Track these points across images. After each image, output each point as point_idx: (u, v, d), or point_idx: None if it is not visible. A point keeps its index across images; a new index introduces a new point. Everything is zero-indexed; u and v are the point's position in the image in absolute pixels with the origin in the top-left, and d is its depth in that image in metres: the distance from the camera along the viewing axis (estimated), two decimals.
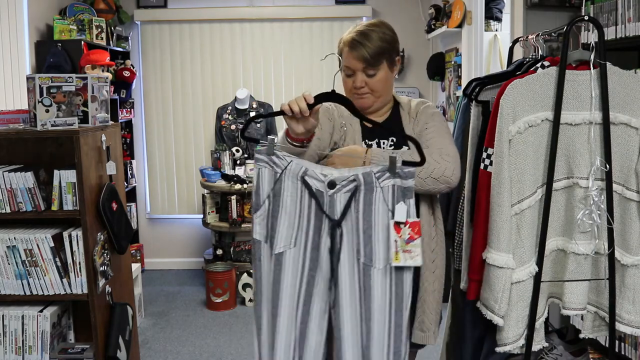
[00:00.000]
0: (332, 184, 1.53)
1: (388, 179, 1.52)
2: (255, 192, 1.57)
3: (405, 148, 1.78)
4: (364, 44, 1.73)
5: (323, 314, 1.57)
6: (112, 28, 4.70)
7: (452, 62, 4.34)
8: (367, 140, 1.81)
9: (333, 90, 1.58)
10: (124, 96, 4.81)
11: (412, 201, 1.53)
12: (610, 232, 1.80)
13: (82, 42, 4.12)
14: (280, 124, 4.83)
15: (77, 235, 2.42)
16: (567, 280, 1.83)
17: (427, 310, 1.78)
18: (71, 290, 2.46)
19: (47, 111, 2.36)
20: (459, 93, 4.01)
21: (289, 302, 1.55)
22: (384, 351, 1.54)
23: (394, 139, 1.81)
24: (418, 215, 1.71)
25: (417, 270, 1.73)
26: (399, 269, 1.54)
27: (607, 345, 1.99)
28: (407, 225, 1.52)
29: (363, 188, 1.52)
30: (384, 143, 1.81)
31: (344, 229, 1.53)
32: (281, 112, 1.57)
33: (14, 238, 2.42)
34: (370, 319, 1.53)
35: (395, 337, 1.55)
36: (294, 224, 1.54)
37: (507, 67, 2.16)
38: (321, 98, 1.56)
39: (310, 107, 1.54)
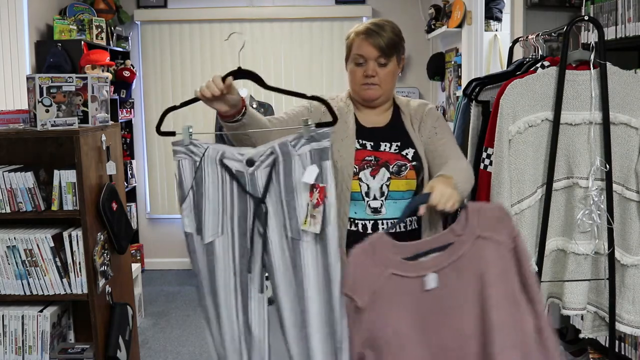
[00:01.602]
0: (250, 162, 1.50)
1: (304, 145, 1.47)
2: (178, 184, 1.56)
3: (410, 150, 1.77)
4: (380, 33, 1.75)
5: (263, 300, 1.54)
6: (112, 28, 4.70)
7: (452, 62, 4.34)
8: (360, 140, 1.79)
9: (239, 67, 1.62)
10: (124, 96, 4.81)
11: (328, 164, 1.48)
12: (610, 232, 1.80)
13: (82, 42, 4.11)
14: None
15: (77, 235, 2.42)
16: (567, 280, 1.83)
17: None
18: (71, 290, 2.46)
19: (47, 111, 2.36)
20: (459, 93, 4.01)
21: (226, 291, 1.53)
22: (323, 330, 1.50)
23: (399, 143, 1.79)
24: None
25: None
26: (323, 238, 1.48)
27: (607, 345, 1.99)
28: (317, 189, 1.45)
29: (281, 159, 1.48)
30: (385, 145, 1.79)
31: (269, 206, 1.49)
32: (197, 99, 1.60)
33: (14, 238, 2.42)
34: (304, 297, 1.49)
35: (329, 316, 1.50)
36: (218, 210, 1.52)
37: (507, 67, 2.16)
38: (230, 74, 1.60)
39: (223, 84, 1.57)
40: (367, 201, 1.74)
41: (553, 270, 1.88)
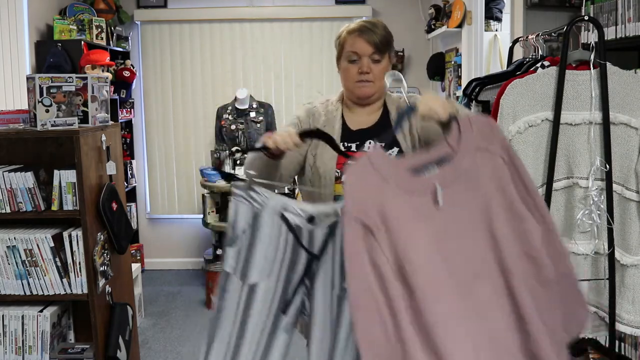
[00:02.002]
0: (311, 219, 1.51)
1: None
2: (230, 225, 1.56)
3: (395, 149, 1.78)
4: (374, 30, 1.77)
5: (286, 347, 1.55)
6: (112, 28, 4.70)
7: (452, 62, 4.34)
8: (345, 143, 1.81)
9: (317, 129, 1.59)
10: (124, 96, 4.81)
11: None
12: (610, 232, 1.80)
13: (82, 42, 4.12)
14: (280, 123, 4.83)
15: (77, 235, 2.42)
16: None
17: None
18: (71, 290, 2.46)
19: (47, 111, 2.36)
20: (459, 93, 4.01)
21: (254, 330, 1.54)
22: None
23: (383, 144, 1.79)
24: None
25: None
26: None
27: (607, 345, 1.99)
28: None
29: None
30: (369, 143, 1.79)
31: (321, 262, 1.51)
32: (265, 148, 1.56)
33: (14, 238, 2.42)
34: (336, 348, 1.50)
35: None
36: (270, 257, 1.53)
37: (507, 67, 2.16)
38: (308, 134, 1.56)
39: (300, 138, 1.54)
40: None
41: None
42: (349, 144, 1.80)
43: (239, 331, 1.55)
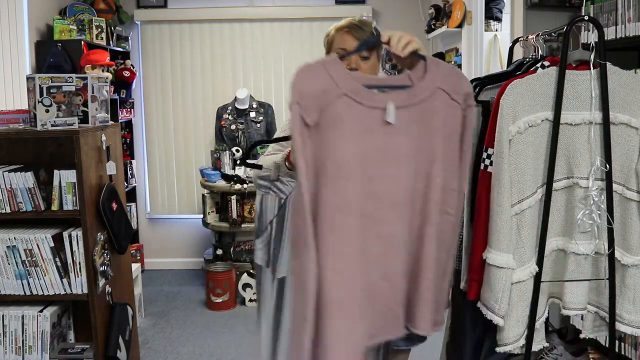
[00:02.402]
0: None
1: None
2: (258, 217, 1.56)
3: None
4: (362, 28, 1.80)
5: None
6: (112, 28, 4.70)
7: (452, 62, 4.34)
8: None
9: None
10: (124, 96, 4.81)
11: None
12: (611, 232, 1.80)
13: (82, 42, 4.12)
14: (280, 123, 4.83)
15: (77, 235, 2.42)
16: (568, 280, 1.83)
17: None
18: (71, 290, 2.46)
19: (47, 111, 2.36)
20: None
21: (288, 328, 1.54)
22: None
23: None
24: None
25: None
26: None
27: (607, 345, 1.98)
28: None
29: None
30: None
31: None
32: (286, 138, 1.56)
33: (14, 238, 2.42)
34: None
35: None
36: None
37: (507, 67, 2.16)
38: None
39: None
40: None
41: (553, 270, 1.88)
42: None
43: (274, 323, 1.56)
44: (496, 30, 4.01)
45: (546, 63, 1.87)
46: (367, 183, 1.34)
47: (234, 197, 4.43)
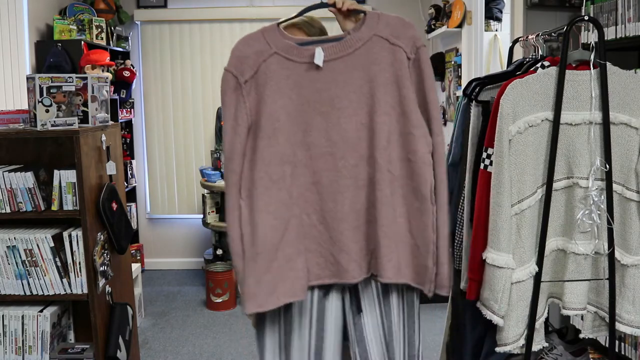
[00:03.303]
0: None
1: None
2: None
3: None
4: (312, 23, 1.87)
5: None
6: (112, 28, 4.70)
7: (452, 62, 4.34)
8: None
9: None
10: (124, 96, 4.81)
11: None
12: (610, 232, 1.80)
13: (82, 42, 4.11)
14: None
15: (77, 235, 2.42)
16: (567, 280, 1.83)
17: None
18: (71, 290, 2.46)
19: (47, 111, 2.36)
20: (459, 93, 4.01)
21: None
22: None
23: None
24: None
25: None
26: (410, 288, 1.58)
27: (607, 345, 1.99)
28: None
29: None
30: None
31: None
32: None
33: (14, 238, 2.42)
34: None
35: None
36: None
37: (507, 67, 2.16)
38: None
39: None
40: None
41: (553, 270, 1.88)
42: None
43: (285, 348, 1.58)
44: (496, 30, 4.01)
45: (546, 63, 1.87)
46: (300, 134, 1.45)
47: None
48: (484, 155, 1.84)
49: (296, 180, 1.47)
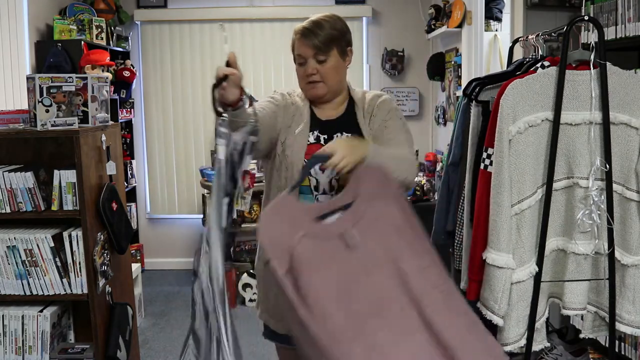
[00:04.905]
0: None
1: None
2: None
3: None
4: (315, 31, 1.81)
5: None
6: (112, 28, 4.70)
7: (452, 62, 4.34)
8: (315, 132, 1.83)
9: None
10: (124, 96, 4.81)
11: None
12: (610, 232, 1.80)
13: (82, 42, 4.11)
14: None
15: (77, 235, 2.42)
16: (567, 280, 1.83)
17: None
18: (71, 290, 2.46)
19: (47, 111, 2.36)
20: (459, 93, 4.00)
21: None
22: None
23: (349, 136, 1.82)
24: None
25: None
26: None
27: (607, 345, 1.99)
28: (248, 175, 1.54)
29: None
30: (337, 136, 1.82)
31: None
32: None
33: (14, 238, 2.42)
34: None
35: None
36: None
37: (507, 67, 2.16)
38: None
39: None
40: (316, 195, 1.77)
41: (553, 270, 1.88)
42: (319, 135, 1.83)
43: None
44: (496, 30, 4.01)
45: (546, 63, 1.87)
46: (348, 306, 1.37)
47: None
48: (484, 155, 1.84)
49: (365, 353, 1.38)
